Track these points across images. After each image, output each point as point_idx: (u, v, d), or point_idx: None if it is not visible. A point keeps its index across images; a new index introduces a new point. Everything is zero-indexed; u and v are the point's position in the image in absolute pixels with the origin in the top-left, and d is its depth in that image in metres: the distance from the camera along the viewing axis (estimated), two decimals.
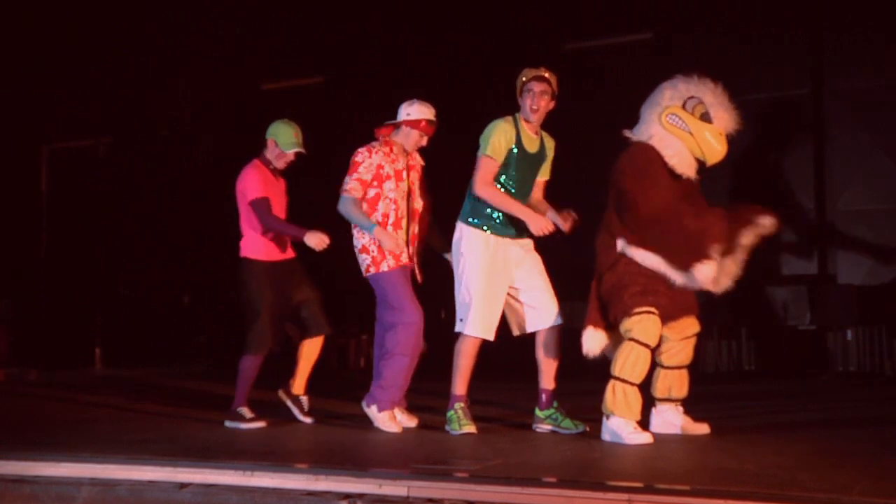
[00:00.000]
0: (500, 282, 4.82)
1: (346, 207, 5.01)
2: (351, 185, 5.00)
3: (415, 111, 5.07)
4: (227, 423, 5.24)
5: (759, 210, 4.55)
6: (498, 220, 4.83)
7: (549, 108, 4.86)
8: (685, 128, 4.55)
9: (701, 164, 4.64)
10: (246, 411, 5.24)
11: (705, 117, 4.56)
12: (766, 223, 4.51)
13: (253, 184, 5.26)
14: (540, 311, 4.84)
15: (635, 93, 4.86)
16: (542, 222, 4.71)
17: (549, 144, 5.01)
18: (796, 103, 9.10)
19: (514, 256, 4.87)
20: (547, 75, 4.83)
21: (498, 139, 4.79)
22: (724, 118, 4.59)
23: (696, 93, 4.59)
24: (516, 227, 4.88)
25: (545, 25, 9.74)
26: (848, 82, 8.91)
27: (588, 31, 9.79)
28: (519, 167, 4.85)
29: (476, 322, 4.78)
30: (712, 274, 4.40)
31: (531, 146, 4.88)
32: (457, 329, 4.86)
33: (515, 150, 4.82)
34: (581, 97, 9.08)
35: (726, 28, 9.13)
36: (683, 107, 4.57)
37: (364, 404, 5.03)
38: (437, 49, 10.24)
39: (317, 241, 5.12)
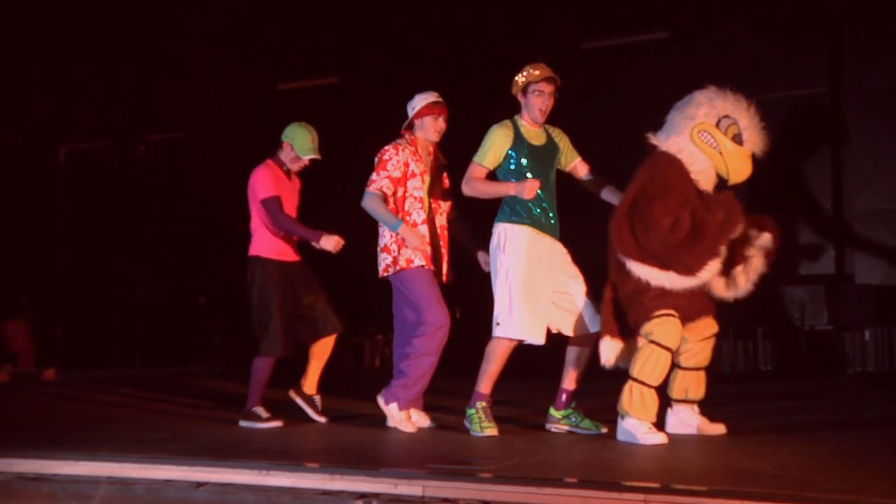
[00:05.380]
0: (544, 283, 4.72)
1: (371, 204, 4.95)
2: (380, 183, 4.95)
3: (416, 102, 5.08)
4: (243, 423, 5.26)
5: (761, 223, 4.59)
6: (539, 216, 4.76)
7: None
8: (716, 147, 4.54)
9: (721, 180, 4.64)
10: (262, 411, 5.25)
11: (737, 139, 4.56)
12: (765, 241, 4.57)
13: (264, 183, 5.27)
14: (581, 316, 4.75)
15: (653, 93, 4.85)
16: (529, 183, 4.64)
17: (556, 132, 4.96)
18: (814, 102, 9.05)
19: (556, 258, 4.80)
20: (554, 75, 4.79)
21: (493, 147, 4.77)
22: (756, 142, 4.60)
23: (731, 112, 4.57)
24: (550, 227, 4.82)
25: (561, 25, 9.73)
26: (866, 81, 8.86)
27: (604, 30, 9.77)
28: (532, 164, 4.80)
29: (514, 323, 4.67)
30: (717, 269, 4.42)
31: (537, 140, 4.85)
32: (495, 334, 4.75)
33: (519, 150, 4.78)
34: (597, 98, 9.07)
35: (744, 27, 9.09)
36: (717, 125, 4.55)
37: (381, 400, 4.99)
38: (452, 49, 10.24)
39: (332, 244, 5.11)
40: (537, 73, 4.76)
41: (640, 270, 4.47)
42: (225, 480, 3.69)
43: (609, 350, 4.57)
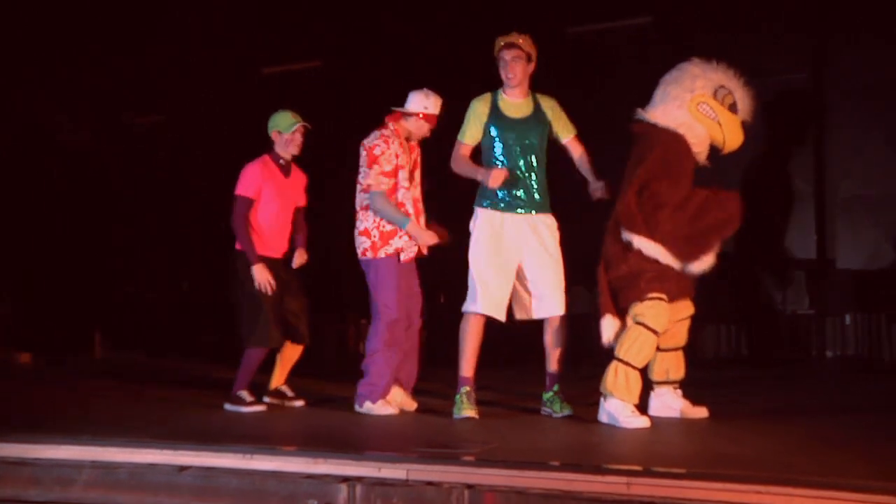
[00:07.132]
0: (506, 259, 4.77)
1: (378, 203, 4.92)
2: (377, 180, 4.92)
3: (432, 105, 5.05)
4: (227, 407, 5.25)
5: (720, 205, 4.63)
6: (506, 197, 4.80)
7: (530, 72, 4.85)
8: (715, 118, 4.59)
9: (712, 150, 4.69)
10: (246, 395, 5.25)
11: (733, 108, 4.62)
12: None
13: (246, 180, 5.26)
14: (545, 301, 4.79)
15: (637, 77, 4.85)
16: (495, 173, 4.67)
17: (549, 104, 4.93)
18: (797, 88, 9.07)
19: (525, 235, 4.81)
20: (516, 40, 4.78)
21: (470, 123, 4.86)
22: (747, 110, 4.68)
23: (726, 82, 4.63)
24: (528, 203, 4.83)
25: (546, 10, 9.69)
26: (849, 67, 8.88)
27: (589, 14, 9.74)
28: (506, 138, 4.82)
29: (476, 298, 4.75)
30: (708, 266, 4.52)
31: (517, 112, 4.84)
32: (462, 309, 4.83)
33: (496, 123, 4.81)
34: (582, 82, 9.06)
35: (727, 12, 9.09)
36: (714, 96, 4.59)
37: (357, 407, 5.00)
38: (436, 34, 10.18)
39: (262, 279, 5.13)
40: (499, 43, 4.81)
41: (648, 247, 4.49)
42: (208, 464, 3.69)
43: (609, 329, 4.58)
